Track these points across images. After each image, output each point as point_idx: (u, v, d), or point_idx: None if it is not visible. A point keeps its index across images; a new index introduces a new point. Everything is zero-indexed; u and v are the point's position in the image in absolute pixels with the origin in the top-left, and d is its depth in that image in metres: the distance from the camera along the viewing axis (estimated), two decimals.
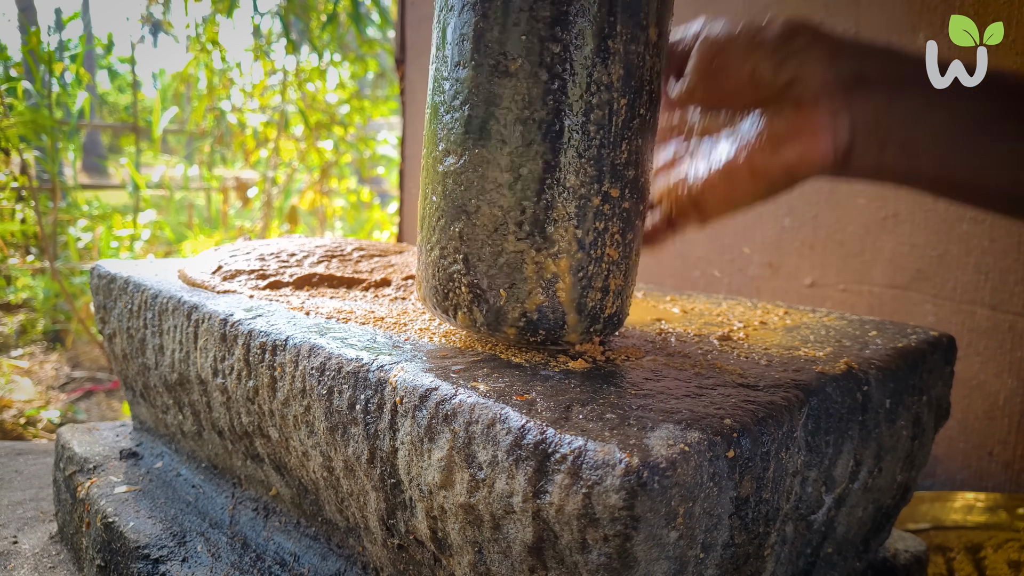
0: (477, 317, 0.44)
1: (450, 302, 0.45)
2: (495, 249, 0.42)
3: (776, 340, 0.54)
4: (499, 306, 0.43)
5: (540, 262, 0.42)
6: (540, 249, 0.42)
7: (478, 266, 0.43)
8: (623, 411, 0.36)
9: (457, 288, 0.44)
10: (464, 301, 0.44)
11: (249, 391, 0.53)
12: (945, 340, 0.59)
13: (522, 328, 0.44)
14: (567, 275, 0.43)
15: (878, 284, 1.02)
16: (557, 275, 0.43)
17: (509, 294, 0.43)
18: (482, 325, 0.44)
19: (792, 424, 0.40)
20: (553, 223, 0.42)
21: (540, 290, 0.43)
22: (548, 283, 0.43)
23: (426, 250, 0.46)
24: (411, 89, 1.86)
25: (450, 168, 0.43)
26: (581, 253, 0.43)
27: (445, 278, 0.45)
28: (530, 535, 0.34)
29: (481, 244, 0.43)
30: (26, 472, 1.00)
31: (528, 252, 0.42)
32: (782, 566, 0.45)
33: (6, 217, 2.56)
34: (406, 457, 0.41)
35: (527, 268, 0.42)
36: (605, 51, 0.40)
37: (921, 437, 0.57)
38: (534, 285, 0.43)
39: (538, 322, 0.44)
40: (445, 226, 0.44)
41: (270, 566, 0.56)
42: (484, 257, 0.43)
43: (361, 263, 0.73)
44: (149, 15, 3.82)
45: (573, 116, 0.41)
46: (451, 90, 0.42)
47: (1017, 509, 0.85)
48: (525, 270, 0.42)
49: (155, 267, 0.77)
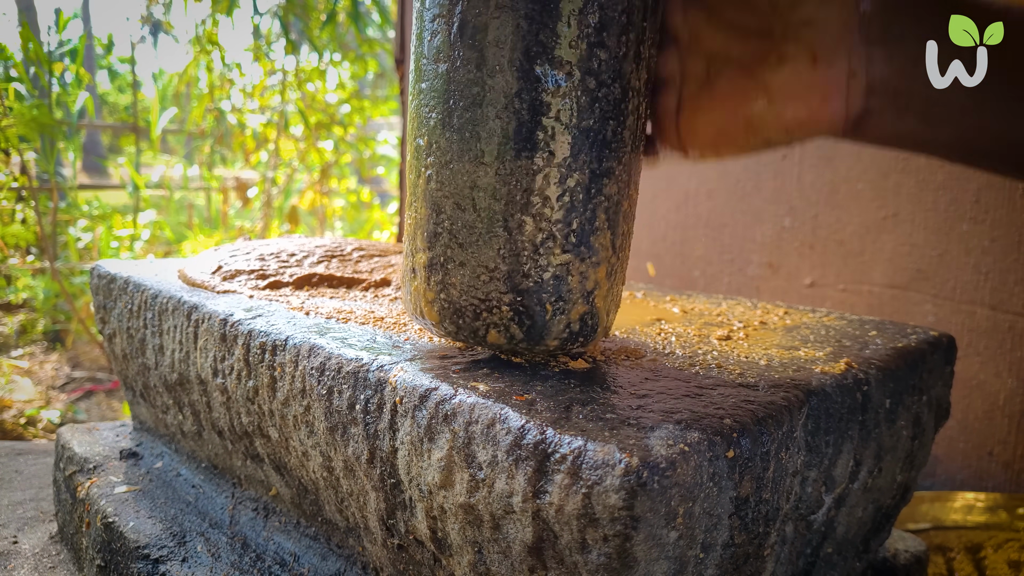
0: (515, 334, 0.42)
1: (482, 322, 0.42)
2: (541, 263, 0.41)
3: (776, 340, 0.54)
4: (544, 321, 0.42)
5: (583, 272, 0.41)
6: (584, 259, 0.41)
7: (522, 283, 0.41)
8: (623, 411, 0.36)
9: (495, 307, 0.41)
10: (502, 320, 0.42)
11: (249, 391, 0.53)
12: (945, 340, 0.59)
13: (564, 340, 0.43)
14: (604, 281, 0.42)
15: (878, 284, 1.02)
16: (598, 283, 0.42)
17: (555, 308, 0.41)
18: (520, 342, 0.43)
19: (792, 424, 0.40)
20: (595, 232, 0.41)
21: (582, 300, 0.42)
22: (589, 292, 0.42)
23: (442, 269, 0.42)
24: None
25: (485, 182, 0.40)
26: (614, 258, 0.42)
27: (483, 293, 0.41)
28: (530, 535, 0.34)
29: (525, 260, 0.40)
30: (26, 472, 1.00)
31: (574, 263, 0.41)
32: (782, 566, 0.45)
33: (6, 218, 2.56)
34: (406, 457, 0.41)
35: (572, 280, 0.41)
36: (638, 57, 0.40)
37: (921, 437, 0.57)
38: (578, 296, 0.42)
39: (579, 332, 0.43)
40: (479, 243, 0.41)
41: (270, 566, 0.56)
42: (529, 273, 0.41)
43: (361, 263, 0.73)
44: (149, 15, 3.82)
45: (617, 124, 0.40)
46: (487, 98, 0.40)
47: (1017, 509, 0.85)
48: (571, 282, 0.41)
49: (155, 267, 0.77)
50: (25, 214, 2.59)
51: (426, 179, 0.42)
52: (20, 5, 5.02)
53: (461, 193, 0.41)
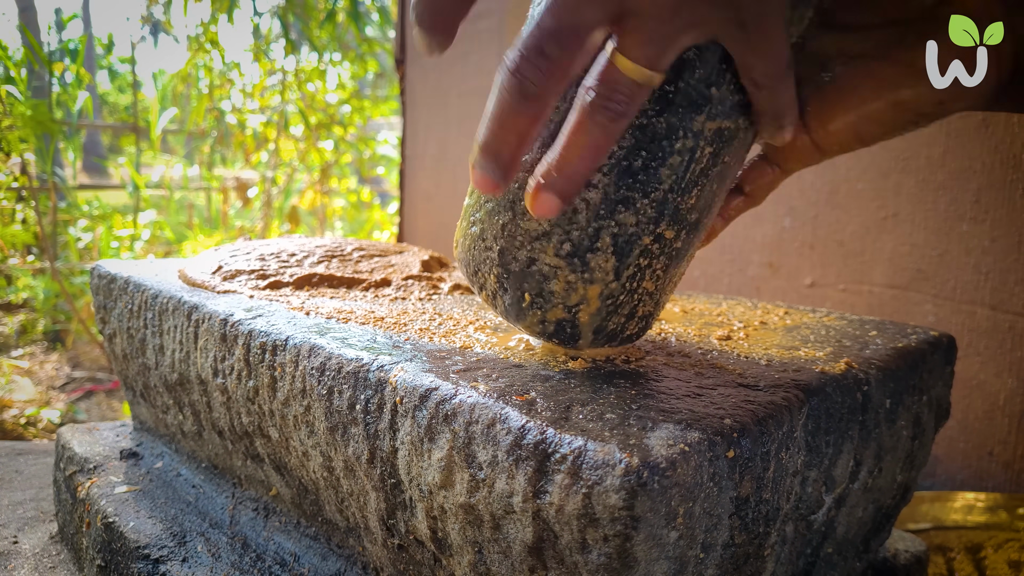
0: (499, 304, 0.45)
1: (479, 280, 0.45)
2: (532, 256, 0.41)
3: (776, 340, 0.54)
4: (521, 307, 0.43)
5: (571, 282, 0.41)
6: (576, 271, 0.41)
7: (511, 264, 0.42)
8: (623, 411, 0.36)
9: (488, 272, 0.44)
10: (490, 285, 0.45)
11: (249, 391, 0.53)
12: (945, 340, 0.59)
13: (537, 332, 0.44)
14: (595, 300, 0.42)
15: (878, 284, 1.02)
16: (585, 299, 0.42)
17: (533, 300, 0.43)
18: (502, 312, 0.45)
19: (792, 424, 0.40)
20: (595, 252, 0.40)
21: (563, 307, 0.42)
22: (573, 304, 0.42)
23: (468, 220, 0.45)
24: (411, 89, 1.86)
25: None
26: (615, 284, 0.42)
27: (480, 258, 0.44)
28: (530, 535, 0.34)
29: (520, 246, 0.42)
30: (26, 472, 1.00)
31: (563, 270, 0.41)
32: (782, 566, 0.45)
33: (6, 218, 2.56)
34: (406, 457, 0.41)
35: (556, 284, 0.42)
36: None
37: (921, 437, 0.57)
38: (559, 301, 0.42)
39: (553, 332, 0.44)
40: (492, 211, 0.43)
41: (270, 566, 0.56)
42: (519, 259, 0.42)
43: (361, 263, 0.73)
44: (149, 15, 3.83)
45: (647, 158, 0.39)
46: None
47: (1017, 509, 0.85)
48: (554, 285, 0.42)
49: (155, 267, 0.77)
50: (25, 214, 2.59)
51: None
52: (20, 5, 5.02)
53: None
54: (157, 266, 0.78)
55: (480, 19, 1.58)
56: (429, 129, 1.83)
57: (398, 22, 1.88)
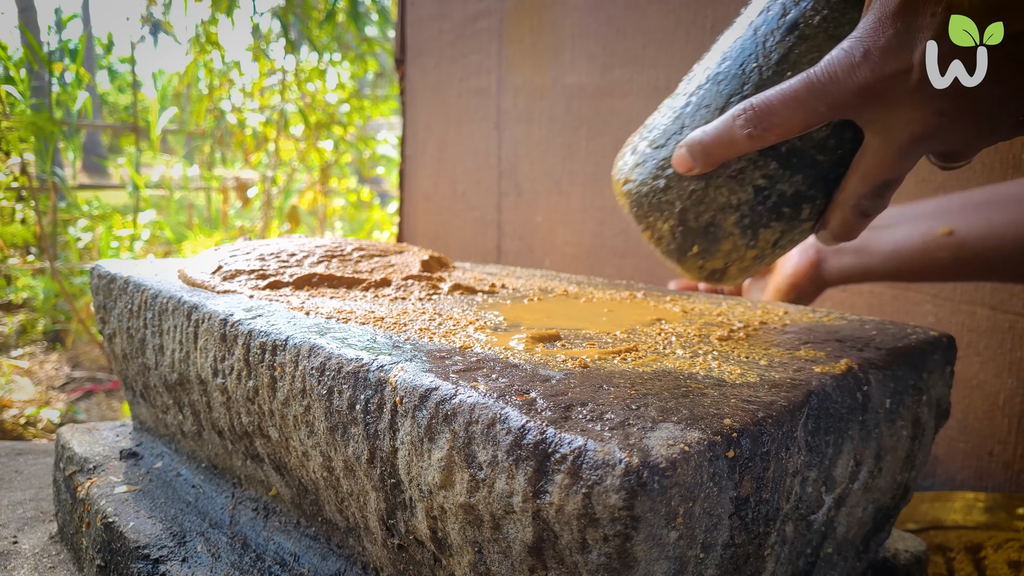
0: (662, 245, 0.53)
1: (647, 222, 0.53)
2: (713, 219, 0.50)
3: (776, 340, 0.54)
4: (686, 253, 0.52)
5: (739, 246, 0.51)
6: (745, 238, 0.50)
7: (690, 222, 0.51)
8: (623, 411, 0.36)
9: (663, 221, 0.52)
10: (660, 230, 0.53)
11: (249, 391, 0.53)
12: (945, 340, 0.59)
13: (692, 272, 0.53)
14: (749, 262, 0.52)
15: (878, 284, 1.02)
16: (743, 257, 0.51)
17: (701, 251, 0.52)
18: (664, 251, 0.54)
19: (792, 424, 0.40)
20: (767, 228, 0.50)
21: (723, 260, 0.52)
22: (732, 260, 0.52)
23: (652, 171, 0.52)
24: (411, 89, 1.86)
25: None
26: (769, 249, 0.52)
27: (657, 204, 0.52)
28: (530, 535, 0.34)
29: (704, 211, 0.50)
30: (26, 472, 1.00)
31: (736, 236, 0.50)
32: (782, 566, 0.45)
33: (6, 218, 2.56)
34: (406, 457, 0.41)
35: (726, 244, 0.51)
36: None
37: (921, 437, 0.57)
38: (722, 257, 0.52)
39: (707, 276, 0.53)
40: (682, 177, 0.50)
41: (270, 566, 0.56)
42: (701, 220, 0.51)
43: (361, 263, 0.73)
44: (149, 15, 3.83)
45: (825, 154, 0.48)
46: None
47: (1017, 509, 0.85)
48: (724, 245, 0.51)
49: (155, 267, 0.77)
50: (25, 214, 2.59)
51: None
52: (20, 5, 5.02)
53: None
54: (157, 266, 0.78)
55: (480, 19, 1.57)
56: (429, 129, 1.83)
57: (398, 22, 1.88)
